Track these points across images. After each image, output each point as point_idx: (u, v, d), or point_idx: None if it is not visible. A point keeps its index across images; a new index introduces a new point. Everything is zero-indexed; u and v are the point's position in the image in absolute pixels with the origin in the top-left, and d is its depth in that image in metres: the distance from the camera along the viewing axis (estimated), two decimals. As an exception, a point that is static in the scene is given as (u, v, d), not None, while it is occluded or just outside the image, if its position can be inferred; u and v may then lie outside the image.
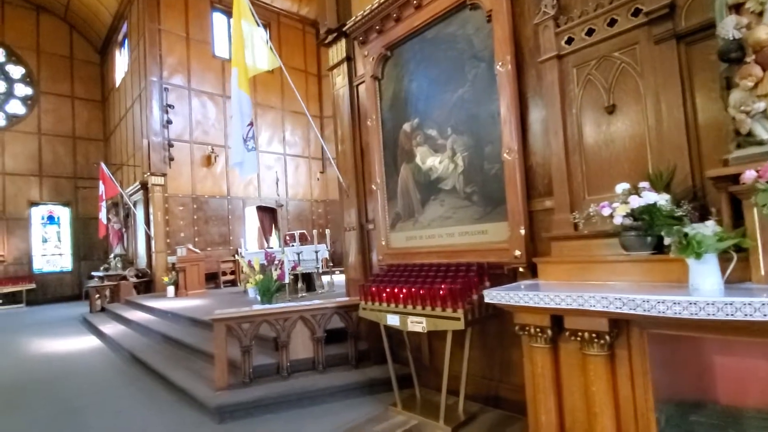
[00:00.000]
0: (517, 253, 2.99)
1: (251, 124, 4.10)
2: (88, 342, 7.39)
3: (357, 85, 4.54)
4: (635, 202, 2.09)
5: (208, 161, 12.51)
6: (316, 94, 15.96)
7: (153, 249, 11.26)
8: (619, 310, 1.78)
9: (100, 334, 7.70)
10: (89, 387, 4.70)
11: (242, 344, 3.70)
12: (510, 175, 3.04)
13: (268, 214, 14.15)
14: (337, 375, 3.90)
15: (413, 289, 3.11)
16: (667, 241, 1.95)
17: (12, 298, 13.61)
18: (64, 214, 15.31)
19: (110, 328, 7.80)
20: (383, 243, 4.09)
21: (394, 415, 3.30)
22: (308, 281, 8.38)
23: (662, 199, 2.07)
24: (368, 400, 3.66)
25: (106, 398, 4.27)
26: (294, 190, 14.91)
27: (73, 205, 15.37)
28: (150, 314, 7.94)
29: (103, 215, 10.98)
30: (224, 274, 11.29)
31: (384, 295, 3.33)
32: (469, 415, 3.17)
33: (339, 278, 9.89)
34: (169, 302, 8.57)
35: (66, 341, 7.50)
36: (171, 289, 9.68)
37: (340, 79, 4.71)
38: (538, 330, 2.22)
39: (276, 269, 5.30)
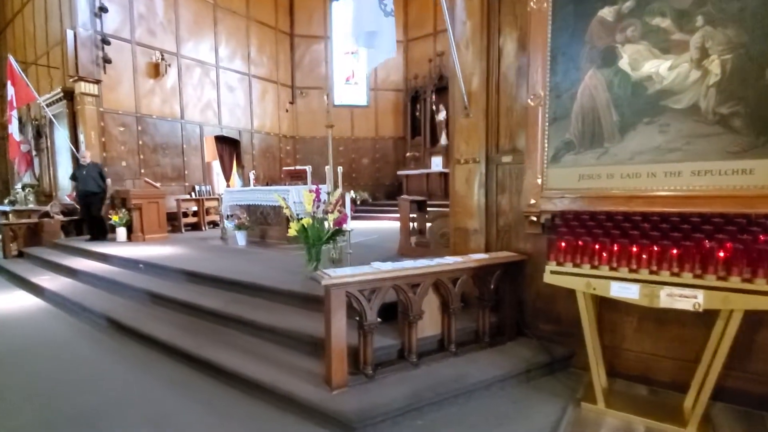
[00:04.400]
0: (828, 202, 2.10)
1: (389, -29, 2.56)
2: (19, 299, 5.39)
3: (503, -51, 3.13)
4: None
5: (156, 71, 9.84)
6: (286, 4, 13.34)
7: (86, 179, 8.75)
8: None
9: (34, 289, 5.69)
10: (79, 375, 3.12)
11: (365, 321, 2.45)
12: (835, 87, 2.07)
13: (228, 147, 11.99)
14: (476, 357, 2.87)
15: (677, 247, 2.11)
16: None
17: None
18: (-63, 126, 11.47)
19: (48, 280, 5.79)
20: (538, 182, 2.97)
21: (600, 417, 2.40)
22: None
23: None
24: (530, 391, 2.72)
25: (125, 394, 2.79)
26: (260, 120, 12.70)
27: (-48, 116, 11.55)
28: (107, 263, 6.03)
29: (14, 129, 8.10)
30: (185, 215, 9.28)
31: (604, 253, 2.29)
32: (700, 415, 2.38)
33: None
34: (127, 248, 6.65)
35: (-17, 298, 5.42)
36: (122, 232, 7.60)
37: (468, -59, 3.24)
38: None
39: (333, 212, 3.92)
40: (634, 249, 2.24)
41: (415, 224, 5.72)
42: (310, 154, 13.92)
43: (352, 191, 5.97)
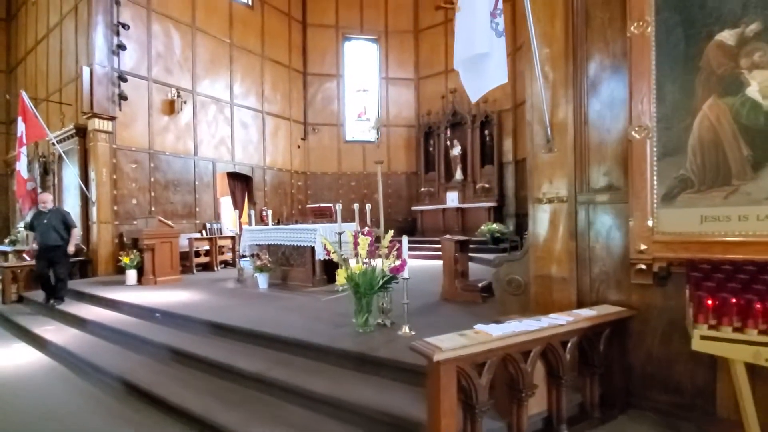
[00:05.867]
0: None
1: (499, -11, 2.27)
2: (19, 354, 4.79)
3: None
4: None
5: (171, 108, 9.66)
6: (299, 45, 13.48)
7: (94, 218, 8.33)
8: None
9: (36, 341, 5.10)
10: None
11: (476, 402, 1.96)
12: None
13: (240, 184, 11.67)
14: (592, 439, 2.35)
15: None
16: None
17: None
18: (-60, 164, 11.12)
19: (53, 331, 5.21)
20: (648, 224, 2.57)
21: None
22: (331, 271, 6.51)
23: None
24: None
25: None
26: (272, 157, 12.47)
27: (-44, 153, 11.24)
28: (118, 311, 5.48)
29: (23, 166, 7.73)
30: (197, 255, 8.77)
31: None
32: None
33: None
34: (139, 293, 6.11)
35: (-22, 354, 4.82)
36: (132, 274, 7.07)
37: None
38: None
39: (390, 257, 3.48)
40: (814, 310, 1.81)
41: (458, 266, 5.26)
42: (321, 190, 13.64)
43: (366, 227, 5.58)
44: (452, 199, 12.66)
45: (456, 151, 12.75)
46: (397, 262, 3.48)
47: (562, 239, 2.95)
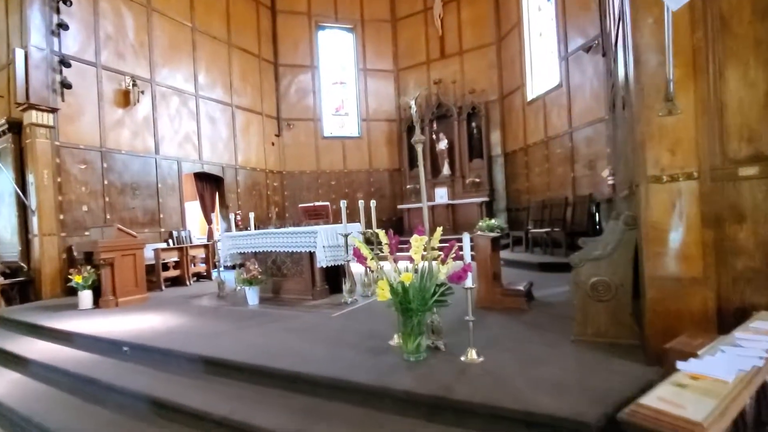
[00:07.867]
0: None
1: None
2: (-68, 417, 3.56)
3: None
4: None
5: (126, 99, 8.34)
6: (269, 32, 12.36)
7: (35, 230, 6.94)
8: None
9: (-43, 395, 3.87)
10: None
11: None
12: None
13: (210, 186, 10.45)
14: None
15: None
16: None
17: None
18: None
19: (-19, 379, 4.00)
20: (830, 202, 1.92)
21: None
22: (332, 279, 5.65)
23: None
24: None
25: None
26: (245, 155, 11.29)
27: None
28: (71, 346, 4.30)
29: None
30: (165, 268, 7.54)
31: None
32: None
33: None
34: (97, 320, 4.93)
35: None
36: (86, 296, 5.82)
37: None
38: None
39: (446, 263, 2.65)
40: None
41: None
42: (299, 190, 12.59)
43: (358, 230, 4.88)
44: (441, 195, 12.01)
45: (442, 144, 12.11)
46: (455, 266, 2.67)
47: (691, 228, 2.26)
